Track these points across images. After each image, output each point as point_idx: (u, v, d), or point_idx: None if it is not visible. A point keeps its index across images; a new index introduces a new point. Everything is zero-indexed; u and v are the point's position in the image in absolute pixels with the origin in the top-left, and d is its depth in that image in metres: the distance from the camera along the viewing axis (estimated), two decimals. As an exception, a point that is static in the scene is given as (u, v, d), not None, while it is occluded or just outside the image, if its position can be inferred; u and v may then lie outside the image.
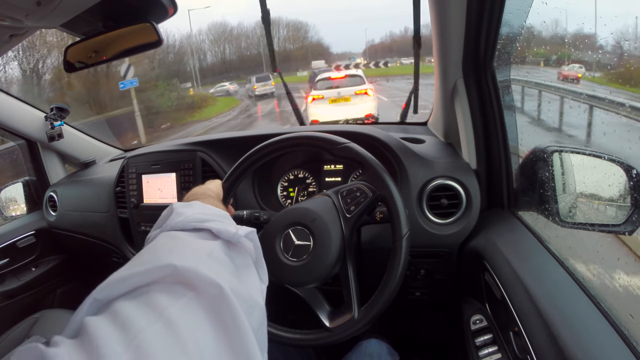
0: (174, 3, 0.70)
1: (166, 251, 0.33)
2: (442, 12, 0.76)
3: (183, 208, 0.40)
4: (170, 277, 0.29)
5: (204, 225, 0.37)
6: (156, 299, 0.27)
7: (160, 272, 0.29)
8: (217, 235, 0.37)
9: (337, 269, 0.67)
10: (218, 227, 0.37)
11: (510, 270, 0.65)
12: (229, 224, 0.39)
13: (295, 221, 0.69)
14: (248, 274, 0.37)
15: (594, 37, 0.67)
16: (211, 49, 32.08)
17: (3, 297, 1.38)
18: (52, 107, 1.39)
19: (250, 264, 0.38)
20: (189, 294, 0.28)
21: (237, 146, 0.94)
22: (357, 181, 0.71)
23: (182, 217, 0.38)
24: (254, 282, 0.37)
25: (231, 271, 0.34)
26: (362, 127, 1.00)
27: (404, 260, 0.63)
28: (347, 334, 0.63)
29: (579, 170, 0.76)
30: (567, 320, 0.52)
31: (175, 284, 0.29)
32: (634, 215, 0.62)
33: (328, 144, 0.71)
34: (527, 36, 0.84)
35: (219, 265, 0.33)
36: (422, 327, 1.29)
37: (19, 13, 0.61)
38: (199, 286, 0.29)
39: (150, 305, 0.27)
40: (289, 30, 33.73)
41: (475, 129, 0.86)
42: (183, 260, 0.30)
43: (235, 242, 0.37)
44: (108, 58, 0.79)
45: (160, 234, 0.38)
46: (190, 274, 0.29)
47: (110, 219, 1.26)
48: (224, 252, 0.35)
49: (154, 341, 0.25)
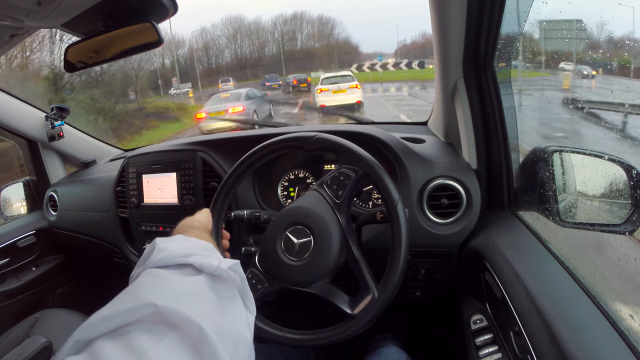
0: (174, 3, 0.70)
1: (148, 290, 0.32)
2: (443, 12, 0.76)
3: (165, 243, 0.40)
4: (152, 316, 0.29)
5: (186, 261, 0.37)
6: (137, 340, 0.27)
7: (141, 312, 0.29)
8: (200, 270, 0.36)
9: (343, 256, 0.67)
10: (200, 262, 0.36)
11: (510, 270, 0.65)
12: (212, 257, 0.38)
13: (291, 222, 0.69)
14: (234, 306, 0.36)
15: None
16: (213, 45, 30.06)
17: (3, 297, 1.38)
18: (53, 107, 1.39)
19: (235, 295, 0.38)
20: (171, 334, 0.28)
21: (238, 146, 0.94)
22: (338, 167, 0.71)
23: (165, 254, 0.38)
24: (240, 314, 0.37)
25: (215, 306, 0.33)
26: (362, 127, 1.00)
27: (404, 225, 0.64)
28: (372, 316, 0.63)
29: (579, 170, 0.76)
30: (567, 320, 0.52)
31: (157, 324, 0.29)
32: (634, 215, 0.62)
33: (299, 141, 0.72)
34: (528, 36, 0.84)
35: (202, 303, 0.32)
36: (422, 327, 1.29)
37: (19, 13, 0.61)
38: (181, 326, 0.29)
39: (131, 346, 0.27)
40: (313, 26, 30.71)
41: (475, 128, 0.86)
42: (164, 299, 0.30)
43: (219, 275, 0.37)
44: (108, 58, 0.79)
45: (142, 272, 0.37)
46: (171, 313, 0.29)
47: (110, 218, 1.26)
48: (208, 286, 0.35)
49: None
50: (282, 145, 0.74)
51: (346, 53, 27.85)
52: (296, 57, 28.16)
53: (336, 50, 28.43)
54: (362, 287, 0.66)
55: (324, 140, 0.71)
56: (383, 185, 0.65)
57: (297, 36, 29.41)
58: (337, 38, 30.32)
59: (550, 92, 1.09)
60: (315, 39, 30.13)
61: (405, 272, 0.63)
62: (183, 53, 27.39)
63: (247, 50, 29.63)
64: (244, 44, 29.53)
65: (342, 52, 28.34)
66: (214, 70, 27.84)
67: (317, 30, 30.39)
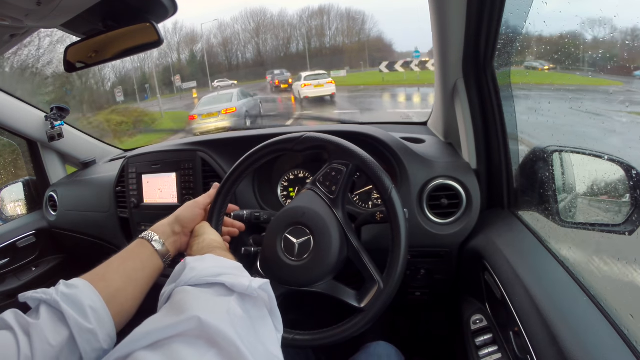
0: (174, 3, 0.70)
1: (188, 305, 0.33)
2: (442, 12, 0.76)
3: (196, 262, 0.41)
4: (194, 331, 0.29)
5: (217, 280, 0.37)
6: (179, 352, 0.27)
7: (185, 325, 0.29)
8: (232, 289, 0.37)
9: (344, 251, 0.67)
10: (232, 281, 0.37)
11: (510, 270, 0.65)
12: (242, 276, 0.39)
13: (288, 223, 0.69)
14: (265, 326, 0.37)
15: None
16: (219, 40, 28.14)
17: (3, 297, 1.38)
18: (52, 107, 1.39)
19: (266, 315, 0.38)
20: (212, 351, 0.28)
21: (238, 146, 0.94)
22: (328, 163, 0.71)
23: (195, 272, 0.38)
24: (271, 333, 0.37)
25: (249, 327, 0.34)
26: (362, 127, 1.00)
27: (401, 211, 0.64)
28: (379, 307, 0.63)
29: (579, 170, 0.75)
30: (567, 320, 0.52)
31: (198, 339, 0.29)
32: (634, 215, 0.62)
33: (288, 142, 0.73)
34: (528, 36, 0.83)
35: (237, 323, 0.33)
36: (422, 327, 1.29)
37: (19, 13, 0.61)
38: (221, 344, 0.29)
39: (172, 357, 0.27)
40: (342, 20, 27.86)
41: (475, 128, 0.86)
42: (206, 314, 0.30)
43: (249, 295, 0.37)
44: (108, 58, 0.79)
45: (175, 291, 0.38)
46: (213, 329, 0.29)
47: (110, 218, 1.26)
48: (240, 307, 0.35)
49: None
50: (273, 148, 0.74)
51: (378, 50, 25.01)
52: (323, 54, 26.05)
53: (367, 47, 25.71)
54: (366, 280, 0.66)
55: (312, 138, 0.71)
56: (375, 176, 0.66)
57: (325, 32, 27.03)
58: (368, 34, 27.52)
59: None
60: (345, 34, 27.47)
61: (406, 268, 0.63)
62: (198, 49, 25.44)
63: (270, 46, 27.33)
64: (266, 39, 27.27)
65: (373, 49, 25.49)
66: (234, 66, 25.83)
67: (345, 26, 27.66)
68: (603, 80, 0.68)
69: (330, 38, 27.30)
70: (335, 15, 27.84)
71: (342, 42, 27.43)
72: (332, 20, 27.51)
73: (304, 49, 25.93)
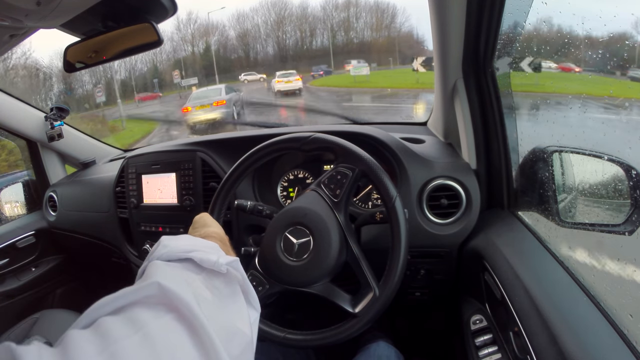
0: (173, 3, 0.70)
1: (152, 274, 0.34)
2: (442, 12, 0.76)
3: (169, 240, 0.41)
4: (154, 297, 0.30)
5: (187, 255, 0.38)
6: (138, 314, 0.28)
7: (145, 291, 0.31)
8: (200, 265, 0.37)
9: (343, 255, 0.67)
10: (200, 257, 0.37)
11: (510, 270, 0.65)
12: (212, 253, 0.39)
13: (289, 222, 0.69)
14: (235, 302, 0.37)
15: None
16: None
17: (3, 297, 1.38)
18: (52, 107, 1.39)
19: (237, 291, 0.38)
20: (170, 314, 0.29)
21: (237, 146, 0.94)
22: (335, 166, 0.71)
23: (167, 249, 0.39)
24: (241, 310, 0.37)
25: (210, 298, 0.34)
26: (362, 127, 1.00)
27: (403, 222, 0.64)
28: (373, 314, 0.63)
29: (579, 170, 0.75)
30: (567, 320, 0.52)
31: (158, 304, 0.30)
32: (634, 215, 0.62)
33: (296, 142, 0.72)
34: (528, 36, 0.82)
35: (197, 292, 0.33)
36: (422, 327, 1.29)
37: (19, 13, 0.61)
38: (180, 309, 0.30)
39: (132, 319, 0.28)
40: (370, 13, 24.74)
41: (475, 129, 0.86)
42: (166, 281, 0.31)
43: (218, 270, 0.37)
44: (108, 58, 0.79)
45: (147, 265, 0.39)
46: (171, 294, 0.30)
47: (110, 219, 1.26)
48: (206, 281, 0.36)
49: (129, 351, 0.25)
50: (279, 146, 0.74)
51: (409, 47, 22.15)
52: (348, 49, 23.79)
53: (397, 43, 22.99)
54: (362, 285, 0.66)
55: (321, 139, 0.71)
56: (380, 183, 0.65)
57: (351, 25, 24.34)
58: (399, 29, 24.36)
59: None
60: (373, 28, 24.60)
61: (405, 270, 0.63)
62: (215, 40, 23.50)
63: (290, 40, 24.75)
64: (286, 32, 24.71)
65: (404, 45, 22.77)
66: (252, 62, 23.75)
67: (374, 19, 24.64)
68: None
69: (358, 32, 24.58)
70: (363, 8, 24.85)
71: (370, 36, 24.69)
72: (359, 12, 24.74)
73: (328, 43, 23.84)
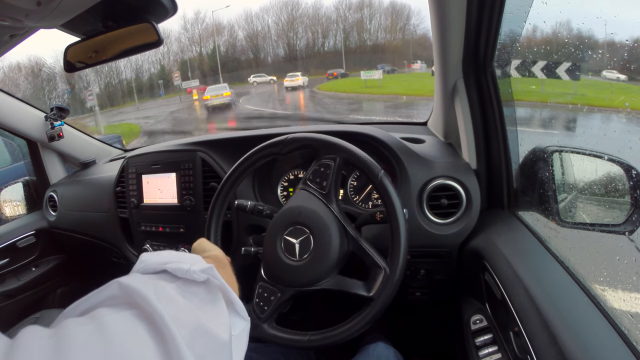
0: (173, 3, 0.70)
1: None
2: (442, 12, 0.76)
3: (148, 256, 0.40)
4: (117, 298, 0.31)
5: (162, 267, 0.38)
6: (101, 313, 0.29)
7: (106, 292, 0.31)
8: (174, 275, 0.37)
9: (345, 244, 0.68)
10: (174, 267, 0.37)
11: (510, 270, 0.65)
12: (186, 262, 0.38)
13: (286, 224, 0.69)
14: (213, 308, 0.37)
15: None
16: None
17: (3, 297, 1.38)
18: (52, 107, 1.39)
19: (218, 299, 0.38)
20: (130, 310, 0.30)
21: (237, 146, 0.94)
22: (317, 160, 0.72)
23: (144, 264, 0.39)
24: (219, 315, 0.36)
25: (183, 303, 0.34)
26: (362, 127, 1.00)
27: (393, 194, 0.64)
28: (389, 293, 0.63)
29: (579, 170, 0.76)
30: (567, 320, 0.52)
31: (120, 304, 0.30)
32: (634, 215, 0.62)
33: (274, 147, 0.74)
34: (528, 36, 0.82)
35: (159, 291, 0.33)
36: (422, 327, 1.29)
37: (19, 13, 0.61)
38: (141, 305, 0.30)
39: (93, 316, 0.29)
40: (385, 14, 24.49)
41: (475, 128, 0.86)
42: (127, 280, 0.32)
43: (192, 279, 0.37)
44: (108, 58, 0.80)
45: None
46: (132, 291, 0.31)
47: (110, 219, 1.26)
48: (179, 288, 0.35)
49: (78, 336, 0.26)
50: (259, 155, 0.75)
51: (424, 49, 22.06)
52: (361, 50, 23.75)
53: (412, 45, 22.95)
54: (372, 267, 0.66)
55: (298, 138, 0.72)
56: (364, 164, 0.66)
57: (364, 26, 24.13)
58: (414, 31, 24.24)
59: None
60: (387, 30, 24.35)
61: (408, 241, 0.64)
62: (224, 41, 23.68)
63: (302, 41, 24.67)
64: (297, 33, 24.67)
65: (419, 48, 22.62)
66: (261, 63, 23.93)
67: (388, 21, 24.43)
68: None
69: (371, 34, 24.31)
70: (377, 9, 24.82)
71: (383, 38, 24.47)
72: (372, 14, 24.60)
73: (341, 45, 23.75)
